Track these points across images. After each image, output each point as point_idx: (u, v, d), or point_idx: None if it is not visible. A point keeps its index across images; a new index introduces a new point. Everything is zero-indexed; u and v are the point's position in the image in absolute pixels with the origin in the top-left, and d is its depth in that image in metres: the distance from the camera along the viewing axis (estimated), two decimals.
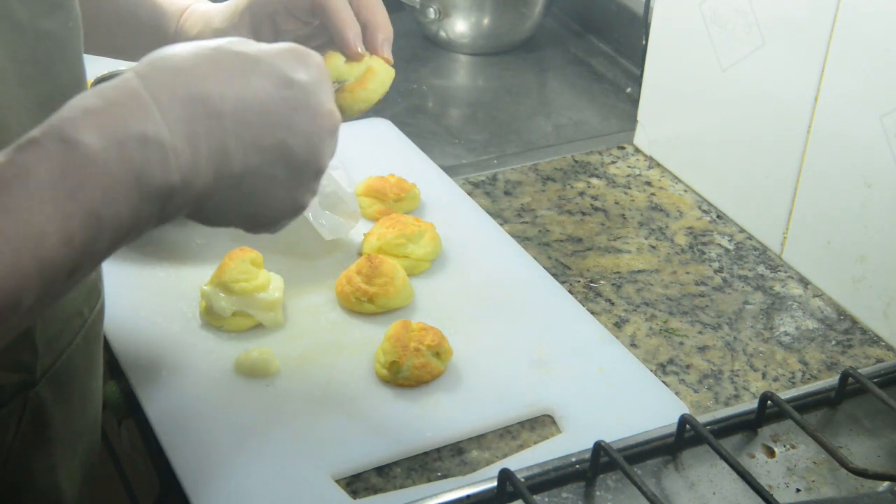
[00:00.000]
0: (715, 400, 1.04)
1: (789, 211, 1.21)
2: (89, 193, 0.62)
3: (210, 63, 0.69)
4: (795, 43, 1.16)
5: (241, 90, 0.69)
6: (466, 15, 1.66)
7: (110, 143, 0.63)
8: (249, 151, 0.69)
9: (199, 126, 0.67)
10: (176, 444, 0.94)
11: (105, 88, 0.66)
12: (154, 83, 0.66)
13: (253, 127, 0.69)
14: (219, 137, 0.68)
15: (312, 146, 0.73)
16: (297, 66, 0.72)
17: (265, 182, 0.72)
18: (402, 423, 0.97)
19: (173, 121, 0.65)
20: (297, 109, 0.71)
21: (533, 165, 1.39)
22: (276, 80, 0.71)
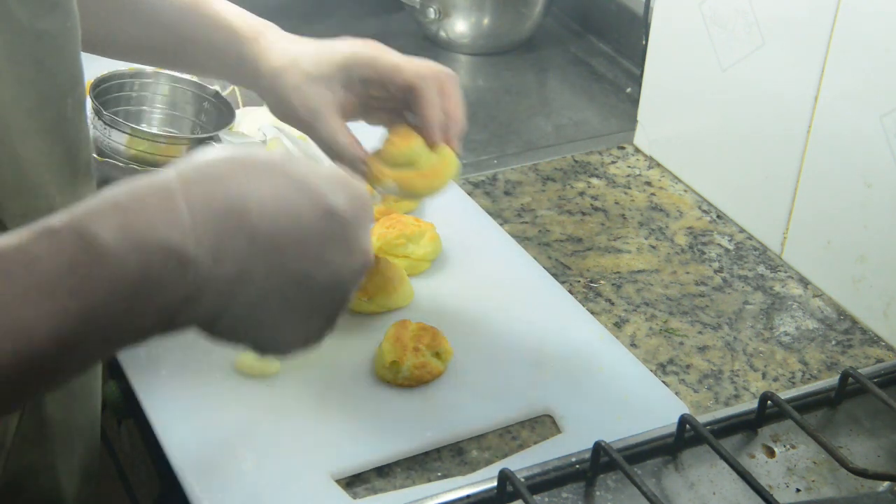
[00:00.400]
0: (715, 400, 1.04)
1: (789, 211, 1.21)
2: (93, 293, 0.59)
3: (256, 176, 0.66)
4: (795, 43, 1.16)
5: (279, 211, 0.65)
6: (466, 15, 1.66)
7: (129, 245, 0.60)
8: (273, 277, 0.66)
9: (228, 243, 0.63)
10: (176, 444, 0.94)
11: (141, 185, 0.63)
12: (193, 189, 0.63)
13: (282, 251, 0.66)
14: (246, 258, 0.64)
15: (338, 282, 0.69)
16: (342, 196, 0.69)
17: (281, 310, 0.68)
18: (402, 423, 0.97)
19: (203, 233, 0.62)
20: (331, 242, 0.68)
21: (533, 165, 1.39)
22: (317, 206, 0.67)
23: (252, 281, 0.65)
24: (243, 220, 0.64)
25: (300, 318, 0.69)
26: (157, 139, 1.18)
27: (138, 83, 1.25)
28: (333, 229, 0.68)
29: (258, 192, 0.65)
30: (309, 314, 0.69)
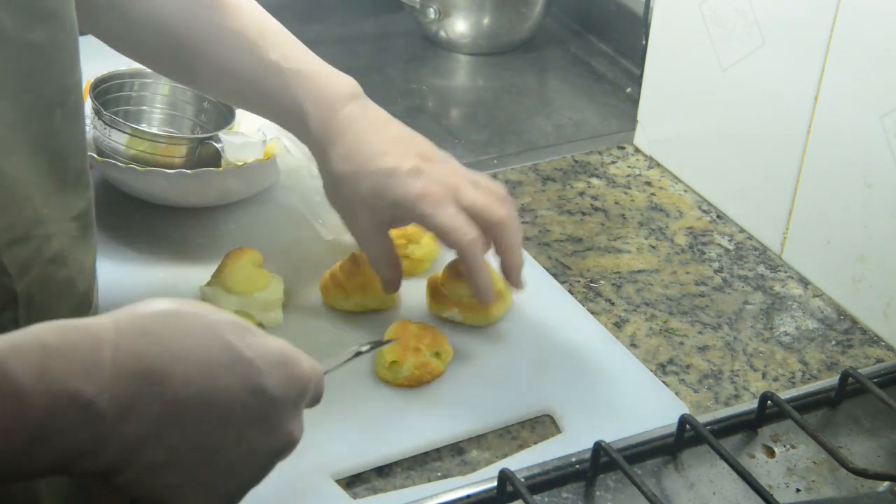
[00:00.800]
0: (715, 400, 1.04)
1: (789, 211, 1.21)
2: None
3: (193, 343, 0.65)
4: (795, 43, 1.16)
5: (207, 384, 0.65)
6: (466, 15, 1.66)
7: (41, 389, 0.60)
8: (183, 445, 0.65)
9: (142, 404, 0.63)
10: None
11: (74, 328, 0.63)
12: (124, 343, 0.63)
13: (200, 425, 0.65)
14: (157, 422, 0.63)
15: (252, 463, 0.69)
16: (276, 376, 0.68)
17: (184, 478, 0.66)
18: (402, 423, 0.97)
19: (120, 391, 0.62)
20: (254, 421, 0.67)
21: (533, 165, 1.39)
22: (247, 383, 0.66)
23: (159, 445, 0.64)
24: (164, 385, 0.63)
25: (204, 489, 0.67)
26: (157, 139, 1.18)
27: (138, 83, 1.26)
28: (260, 409, 0.67)
29: (188, 358, 0.64)
30: (213, 488, 0.68)
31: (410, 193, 0.97)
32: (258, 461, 0.69)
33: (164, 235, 1.18)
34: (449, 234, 0.97)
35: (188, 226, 1.19)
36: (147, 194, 1.19)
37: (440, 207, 0.97)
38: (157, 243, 1.17)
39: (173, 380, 0.64)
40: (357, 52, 1.71)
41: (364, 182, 0.99)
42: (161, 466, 0.65)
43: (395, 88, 1.60)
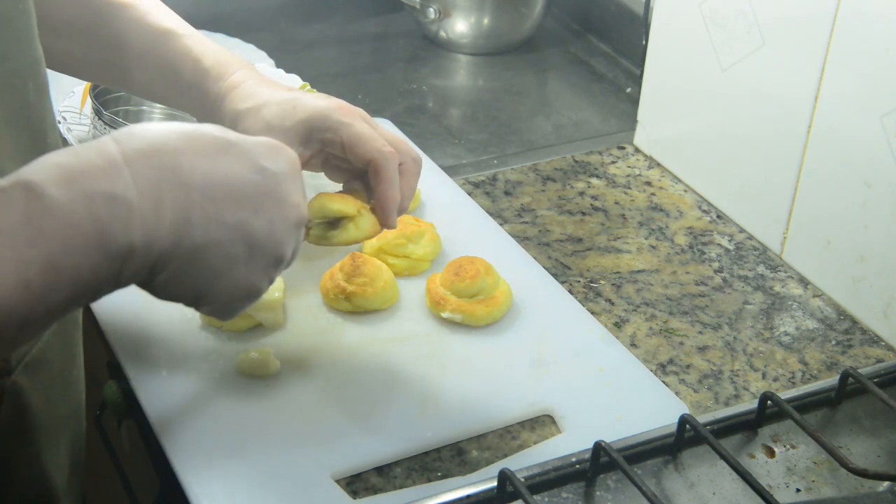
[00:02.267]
0: (715, 400, 1.04)
1: (789, 211, 1.21)
2: (50, 242, 0.63)
3: (186, 139, 0.71)
4: (795, 43, 1.16)
5: (211, 167, 0.71)
6: (466, 15, 1.66)
7: (76, 196, 0.64)
8: (211, 225, 0.71)
9: (166, 193, 0.68)
10: (176, 444, 0.94)
11: (80, 148, 0.68)
12: (129, 148, 0.68)
13: (218, 202, 0.71)
14: (184, 207, 0.69)
15: (275, 232, 0.75)
16: (270, 156, 0.74)
17: (222, 259, 0.72)
18: (402, 423, 0.97)
19: (143, 185, 0.67)
20: (264, 195, 0.73)
21: (533, 165, 1.39)
22: (248, 164, 0.73)
23: (192, 229, 0.70)
24: (177, 174, 0.69)
25: (240, 267, 0.74)
26: None
27: None
28: (266, 183, 0.73)
29: (190, 151, 0.70)
30: (248, 264, 0.74)
31: (323, 107, 0.95)
32: (278, 233, 0.75)
33: None
34: (368, 143, 0.93)
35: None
36: None
37: (356, 119, 0.95)
38: None
39: (182, 169, 0.69)
40: (357, 52, 1.71)
41: (269, 110, 0.96)
42: (200, 248, 0.70)
43: (395, 88, 1.60)
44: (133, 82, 1.04)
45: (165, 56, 1.00)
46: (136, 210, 0.66)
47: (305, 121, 0.95)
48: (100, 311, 1.08)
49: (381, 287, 1.09)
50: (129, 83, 1.05)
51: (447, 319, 1.08)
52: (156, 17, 1.00)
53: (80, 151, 0.67)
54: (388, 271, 1.11)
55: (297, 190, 0.77)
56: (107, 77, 1.08)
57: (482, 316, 1.07)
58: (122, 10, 1.00)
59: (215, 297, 0.75)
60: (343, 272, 1.09)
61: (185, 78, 1.00)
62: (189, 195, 0.69)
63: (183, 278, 0.72)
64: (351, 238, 0.94)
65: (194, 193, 0.70)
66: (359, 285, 1.08)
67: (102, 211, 0.65)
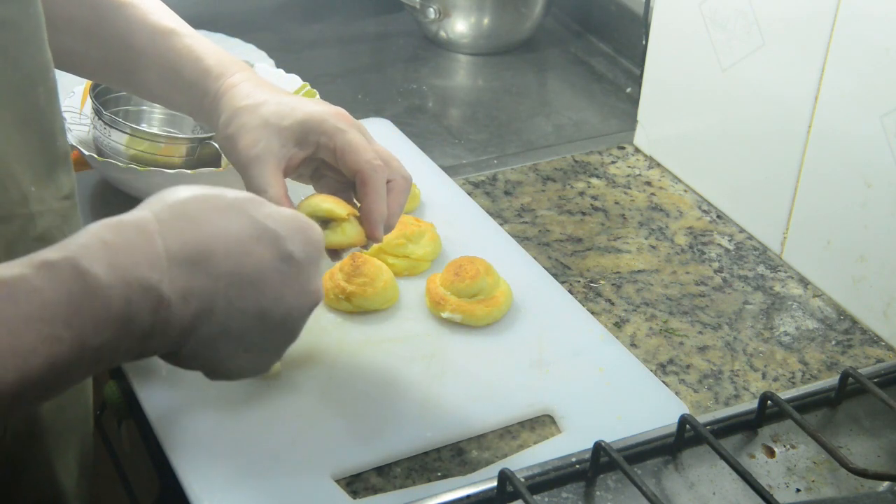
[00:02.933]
0: (715, 400, 1.04)
1: (789, 211, 1.21)
2: (84, 323, 0.65)
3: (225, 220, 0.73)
4: (795, 43, 1.16)
5: (243, 258, 0.73)
6: (466, 15, 1.66)
7: (118, 282, 0.66)
8: (232, 314, 0.73)
9: (195, 284, 0.70)
10: (176, 444, 0.94)
11: (123, 225, 0.70)
12: (169, 231, 0.70)
13: (242, 293, 0.73)
14: (209, 297, 0.71)
15: (291, 320, 0.77)
16: (298, 241, 0.76)
17: (237, 344, 0.75)
18: (402, 423, 0.97)
19: (176, 275, 0.69)
20: (286, 284, 0.75)
21: (533, 165, 1.39)
22: (276, 251, 0.74)
23: (212, 317, 0.72)
24: (210, 262, 0.71)
25: (253, 351, 0.77)
26: (156, 139, 1.18)
27: None
28: (289, 272, 0.75)
29: (224, 235, 0.72)
30: (261, 348, 0.77)
31: (320, 111, 0.95)
32: (294, 319, 0.77)
33: None
34: (359, 153, 0.93)
35: None
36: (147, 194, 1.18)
37: (352, 127, 0.95)
38: None
39: (215, 257, 0.71)
40: (357, 52, 1.71)
41: (267, 108, 0.95)
42: (216, 337, 0.73)
43: (395, 88, 1.60)
44: (133, 81, 1.04)
45: (166, 55, 1.00)
46: (164, 300, 0.69)
47: (302, 122, 0.94)
48: None
49: (381, 287, 1.09)
50: (130, 82, 1.05)
51: (447, 319, 1.08)
52: (157, 16, 1.00)
53: (123, 229, 0.69)
54: (388, 271, 1.11)
55: (316, 275, 0.78)
56: (107, 75, 1.08)
57: (482, 316, 1.07)
58: (124, 9, 1.00)
59: (225, 374, 0.78)
60: (343, 272, 1.09)
61: (185, 77, 1.00)
62: (216, 286, 0.71)
63: (196, 357, 0.75)
64: (335, 241, 0.94)
65: (221, 284, 0.72)
66: (359, 285, 1.08)
67: (136, 297, 0.67)
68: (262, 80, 1.00)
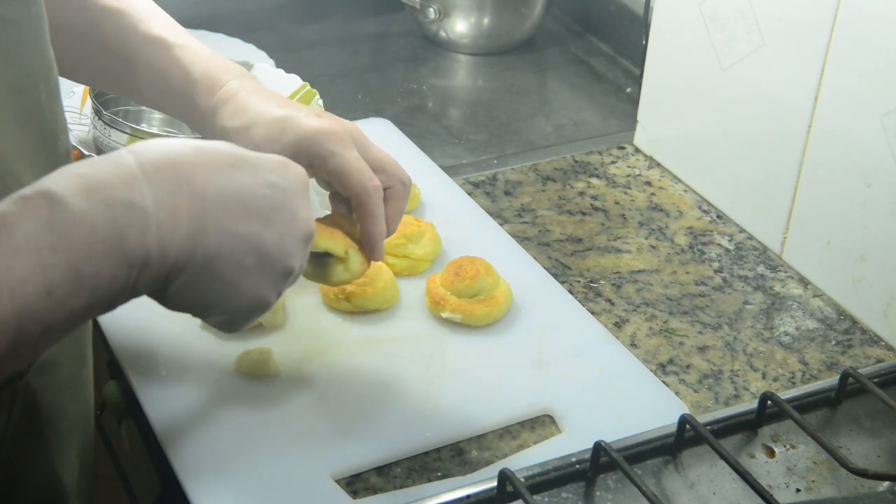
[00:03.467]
0: (715, 400, 1.04)
1: (789, 211, 1.21)
2: (72, 249, 0.65)
3: (200, 153, 0.73)
4: (795, 43, 1.16)
5: (224, 180, 0.73)
6: (466, 15, 1.66)
7: (96, 205, 0.66)
8: (224, 236, 0.73)
9: (181, 203, 0.70)
10: (176, 444, 0.94)
11: (97, 159, 0.70)
12: (145, 159, 0.70)
13: (231, 213, 0.73)
14: (198, 216, 0.71)
15: (284, 244, 0.77)
16: (279, 171, 0.77)
17: (234, 269, 0.74)
18: (402, 423, 0.97)
19: (159, 194, 0.69)
20: (274, 209, 0.75)
21: (533, 165, 1.39)
22: (258, 179, 0.75)
23: (205, 238, 0.72)
24: (192, 185, 0.71)
25: (250, 277, 0.76)
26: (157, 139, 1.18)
27: None
28: (276, 197, 0.76)
29: (204, 164, 0.73)
30: (258, 274, 0.76)
31: (312, 130, 0.93)
32: (289, 245, 0.77)
33: None
34: (353, 177, 0.92)
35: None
36: None
37: (346, 148, 0.93)
38: None
39: (197, 180, 0.71)
40: (357, 52, 1.71)
41: (258, 131, 0.94)
42: (213, 257, 0.72)
43: (395, 88, 1.60)
44: (127, 88, 1.04)
45: (155, 65, 0.99)
46: (152, 218, 0.68)
47: (294, 144, 0.93)
48: None
49: (381, 287, 1.09)
50: (123, 89, 1.05)
51: (447, 319, 1.08)
52: (148, 24, 0.99)
53: (97, 163, 0.69)
54: (388, 271, 1.11)
55: (304, 205, 0.79)
56: (101, 82, 1.08)
57: (482, 316, 1.07)
58: (116, 17, 0.99)
59: (225, 308, 0.77)
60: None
61: (174, 88, 0.99)
62: (203, 205, 0.71)
63: (195, 288, 0.73)
64: (341, 280, 0.94)
65: (208, 204, 0.72)
66: (359, 285, 1.08)
67: (121, 219, 0.67)
68: (254, 87, 0.98)
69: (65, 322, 0.67)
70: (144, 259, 0.69)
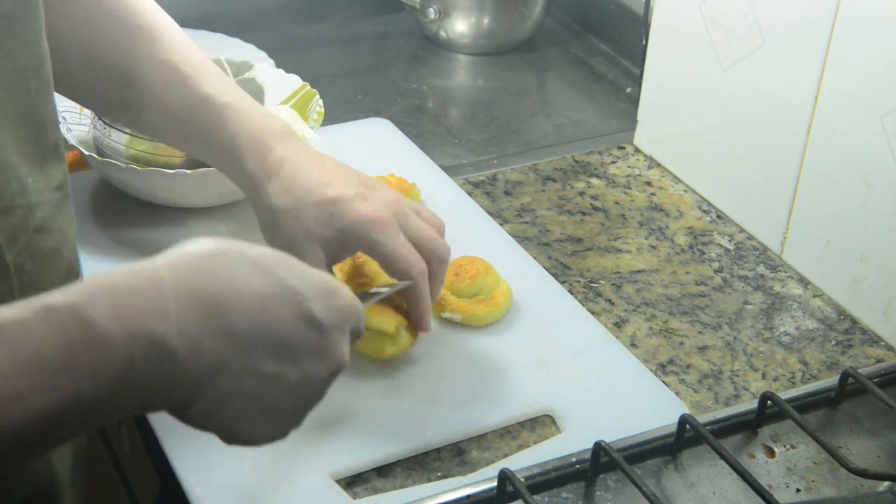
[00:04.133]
0: (715, 400, 1.04)
1: (789, 211, 1.21)
2: (82, 373, 0.62)
3: (244, 277, 0.69)
4: (795, 43, 1.16)
5: (259, 314, 0.68)
6: (466, 15, 1.66)
7: (120, 332, 0.63)
8: (245, 374, 0.68)
9: (207, 340, 0.66)
10: (176, 444, 0.94)
11: (134, 272, 0.66)
12: (181, 281, 0.66)
13: (258, 353, 0.69)
14: (221, 354, 0.67)
15: (309, 385, 0.73)
16: (323, 304, 0.72)
17: (250, 406, 0.70)
18: (402, 423, 0.97)
19: (185, 327, 0.65)
20: (306, 347, 0.71)
21: (533, 165, 1.39)
22: (297, 312, 0.70)
23: (225, 376, 0.67)
24: (224, 319, 0.67)
25: (267, 415, 0.72)
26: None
27: None
28: (310, 334, 0.71)
29: (241, 291, 0.68)
30: (276, 413, 0.72)
31: (360, 219, 0.95)
32: (314, 385, 0.73)
33: (165, 235, 1.18)
34: (400, 264, 0.96)
35: (188, 226, 1.19)
36: (147, 194, 1.19)
37: (392, 235, 0.95)
38: (158, 243, 1.17)
39: (231, 313, 0.67)
40: (357, 52, 1.71)
41: (307, 213, 0.96)
42: (228, 396, 0.68)
43: (395, 88, 1.60)
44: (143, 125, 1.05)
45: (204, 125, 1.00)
46: (171, 354, 0.65)
47: (342, 231, 0.95)
48: None
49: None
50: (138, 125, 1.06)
51: (447, 319, 1.08)
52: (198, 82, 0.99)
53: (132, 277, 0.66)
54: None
55: (341, 341, 0.74)
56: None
57: (482, 316, 1.07)
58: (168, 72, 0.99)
59: (239, 438, 0.74)
60: (343, 272, 1.08)
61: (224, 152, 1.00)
62: (229, 343, 0.67)
63: (208, 417, 0.70)
64: (390, 355, 1.01)
65: (235, 341, 0.67)
66: (359, 285, 1.08)
67: (139, 349, 0.63)
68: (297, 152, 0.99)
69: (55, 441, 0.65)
70: (153, 388, 0.65)
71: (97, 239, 1.16)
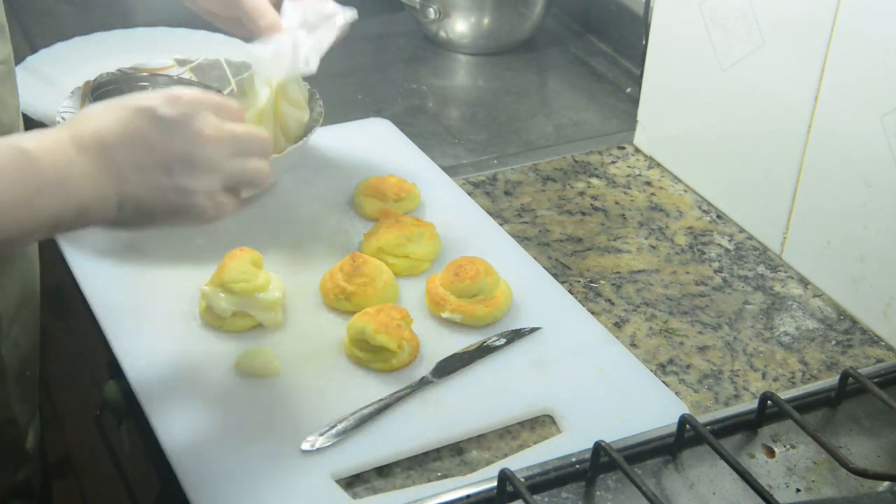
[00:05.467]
0: (715, 400, 1.04)
1: (789, 211, 1.21)
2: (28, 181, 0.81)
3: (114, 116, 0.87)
4: (795, 43, 1.16)
5: (126, 129, 0.87)
6: (466, 15, 1.66)
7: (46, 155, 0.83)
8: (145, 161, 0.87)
9: (101, 162, 0.85)
10: (176, 445, 0.94)
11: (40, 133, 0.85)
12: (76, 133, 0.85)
13: (136, 153, 0.87)
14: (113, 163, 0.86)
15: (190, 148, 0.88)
16: (166, 104, 0.88)
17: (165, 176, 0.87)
18: (402, 423, 0.97)
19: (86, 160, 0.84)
20: (170, 132, 0.88)
21: (533, 165, 1.39)
22: (153, 120, 0.88)
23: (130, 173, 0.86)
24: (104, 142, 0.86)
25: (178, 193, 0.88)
26: None
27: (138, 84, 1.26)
28: (165, 124, 0.88)
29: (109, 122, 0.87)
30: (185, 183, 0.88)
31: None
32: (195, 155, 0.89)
33: (164, 235, 1.18)
34: None
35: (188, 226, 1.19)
36: None
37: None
38: (157, 243, 1.17)
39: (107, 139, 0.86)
40: (357, 52, 1.71)
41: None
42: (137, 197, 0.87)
43: (395, 88, 1.60)
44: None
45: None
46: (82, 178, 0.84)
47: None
48: (99, 311, 1.08)
49: (381, 287, 1.09)
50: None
51: (447, 319, 1.08)
52: None
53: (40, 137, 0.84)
54: (388, 271, 1.11)
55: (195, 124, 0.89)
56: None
57: (482, 316, 1.07)
58: None
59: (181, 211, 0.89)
60: (343, 272, 1.09)
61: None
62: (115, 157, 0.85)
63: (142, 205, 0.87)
64: (391, 369, 1.02)
65: (118, 153, 0.86)
66: (359, 285, 1.08)
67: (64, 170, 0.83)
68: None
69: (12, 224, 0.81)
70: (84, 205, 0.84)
71: (94, 237, 1.16)
